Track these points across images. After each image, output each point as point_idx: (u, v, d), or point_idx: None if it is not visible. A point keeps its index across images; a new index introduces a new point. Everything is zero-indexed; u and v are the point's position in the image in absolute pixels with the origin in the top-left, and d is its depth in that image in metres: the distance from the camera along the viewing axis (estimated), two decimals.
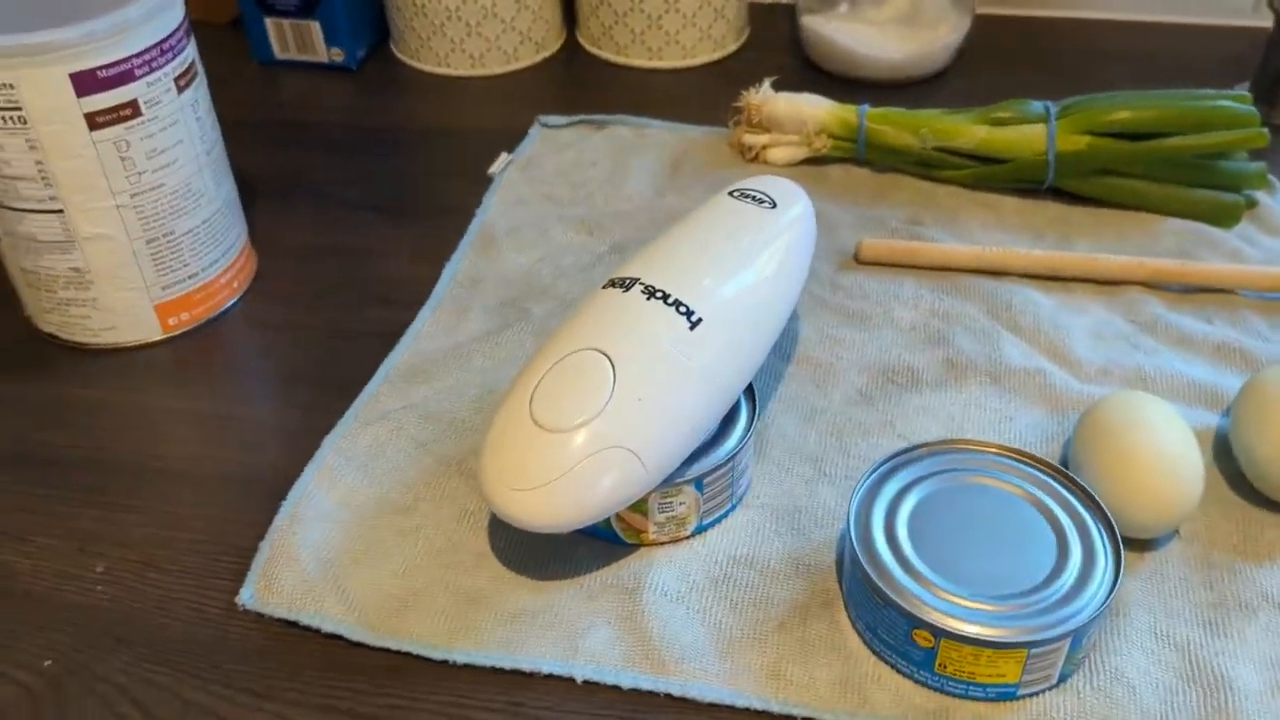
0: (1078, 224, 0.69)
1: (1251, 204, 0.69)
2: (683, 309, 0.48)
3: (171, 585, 0.50)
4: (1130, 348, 0.59)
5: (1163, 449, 0.47)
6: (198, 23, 0.96)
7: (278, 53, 0.89)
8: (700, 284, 0.49)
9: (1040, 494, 0.46)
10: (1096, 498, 0.46)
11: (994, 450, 0.48)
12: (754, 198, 0.55)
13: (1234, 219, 0.67)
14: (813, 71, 0.86)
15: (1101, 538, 0.45)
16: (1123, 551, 0.44)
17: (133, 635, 0.48)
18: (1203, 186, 0.68)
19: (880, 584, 0.43)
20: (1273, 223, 0.68)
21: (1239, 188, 0.68)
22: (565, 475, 0.45)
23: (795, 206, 0.55)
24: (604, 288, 0.50)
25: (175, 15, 0.56)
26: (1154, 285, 0.63)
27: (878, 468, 0.47)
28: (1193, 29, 0.90)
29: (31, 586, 0.50)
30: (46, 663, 0.46)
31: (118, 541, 0.52)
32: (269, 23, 0.87)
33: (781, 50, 0.90)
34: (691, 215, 0.54)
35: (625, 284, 0.49)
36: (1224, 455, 0.53)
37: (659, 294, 0.48)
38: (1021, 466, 0.47)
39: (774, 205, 0.54)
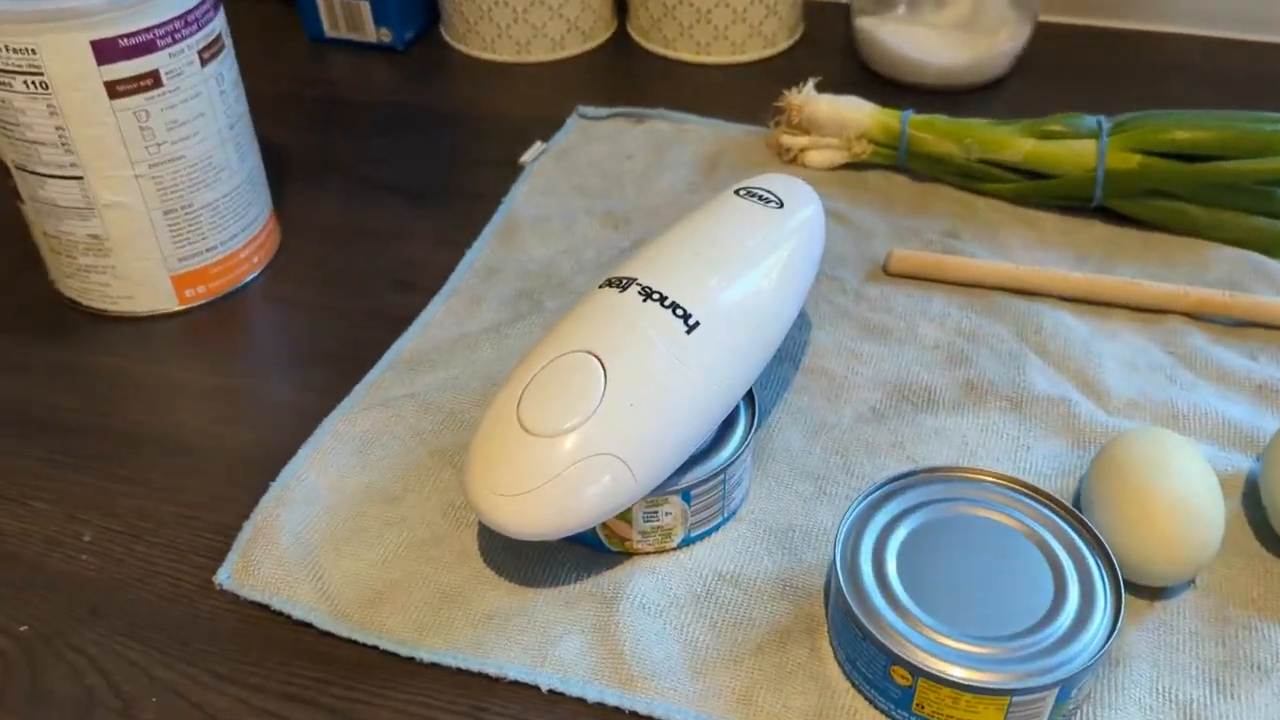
0: (1123, 246, 0.65)
1: None
2: (680, 311, 0.47)
3: (155, 559, 0.50)
4: (1165, 381, 0.56)
5: (1181, 493, 0.44)
6: None
7: (328, 30, 0.89)
8: (699, 286, 0.47)
9: (1041, 530, 0.44)
10: (1100, 538, 0.43)
11: (996, 480, 0.46)
12: (761, 197, 0.53)
13: None
14: (865, 74, 0.84)
15: (1103, 581, 0.42)
16: (1124, 597, 0.42)
17: (109, 607, 0.47)
18: (1260, 214, 0.64)
19: (860, 615, 0.41)
20: None
21: None
22: (551, 482, 0.43)
23: (805, 208, 0.53)
24: (600, 287, 0.48)
25: None
26: (1198, 316, 0.60)
27: (872, 492, 0.45)
28: (1276, 48, 0.86)
29: (19, 550, 0.50)
30: (23, 628, 0.47)
31: (108, 511, 0.52)
32: (321, 0, 0.87)
33: (835, 51, 0.87)
34: (695, 213, 0.53)
35: (621, 284, 0.47)
36: (1254, 503, 0.50)
37: (656, 295, 0.47)
38: (1024, 499, 0.45)
39: (781, 205, 0.52)
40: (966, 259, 0.63)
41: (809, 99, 0.72)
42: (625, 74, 0.85)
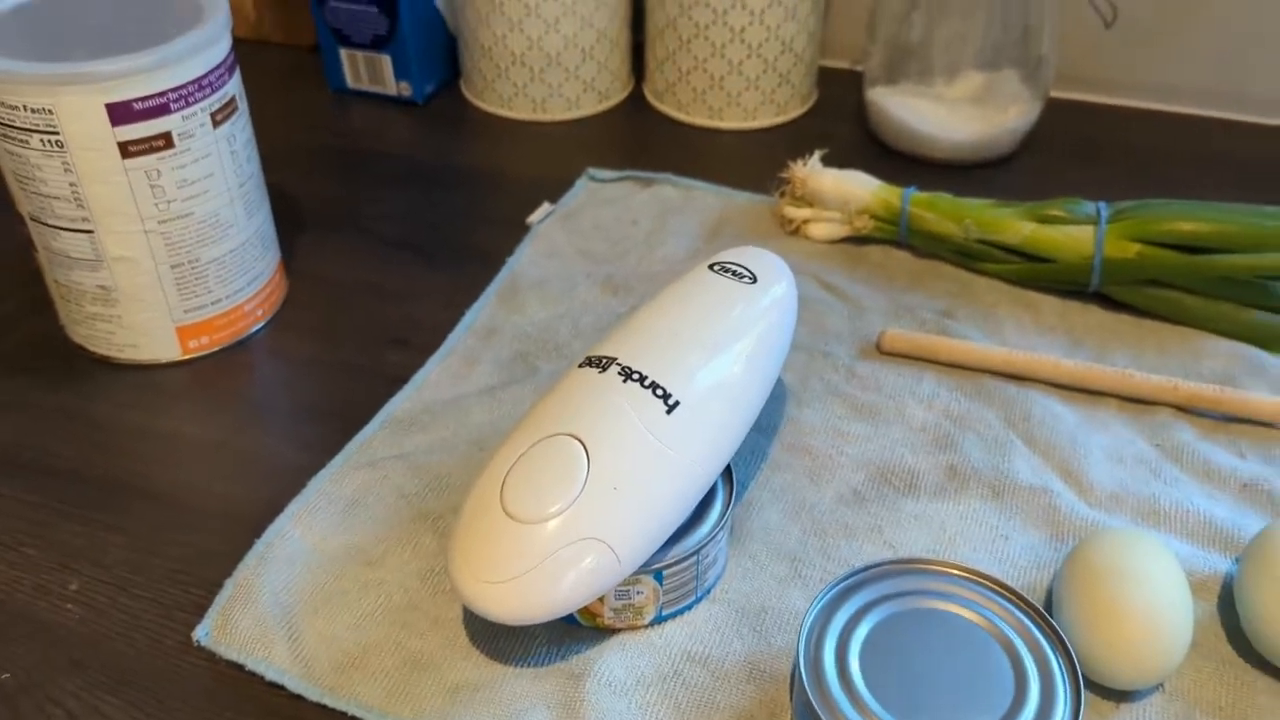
0: (1119, 334, 0.65)
1: None
2: (660, 392, 0.47)
3: (138, 612, 0.51)
4: (1149, 475, 0.56)
5: (1149, 601, 0.44)
6: (284, 45, 0.99)
7: (350, 82, 0.91)
8: (678, 366, 0.48)
9: (1006, 627, 0.44)
10: (1064, 638, 0.43)
11: (963, 574, 0.46)
12: (734, 272, 0.54)
13: None
14: (875, 145, 0.85)
15: (1064, 682, 0.42)
16: (1084, 699, 0.42)
17: (91, 659, 0.48)
18: (1258, 308, 0.64)
19: (820, 710, 0.41)
20: None
21: None
22: (537, 568, 0.44)
23: (778, 283, 0.54)
24: (580, 366, 0.49)
25: (218, 53, 0.58)
26: (1188, 409, 0.60)
27: (839, 582, 0.46)
28: None
29: (6, 596, 0.51)
30: (4, 675, 0.48)
31: (97, 561, 0.53)
32: (344, 53, 0.89)
33: (847, 119, 0.88)
34: (671, 288, 0.54)
35: (601, 364, 0.48)
36: (1229, 606, 0.50)
37: (636, 376, 0.48)
38: (990, 595, 0.45)
39: (755, 280, 0.53)
40: (959, 341, 0.63)
41: (813, 172, 0.73)
42: (638, 136, 0.86)
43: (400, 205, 0.78)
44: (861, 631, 0.44)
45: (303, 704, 0.47)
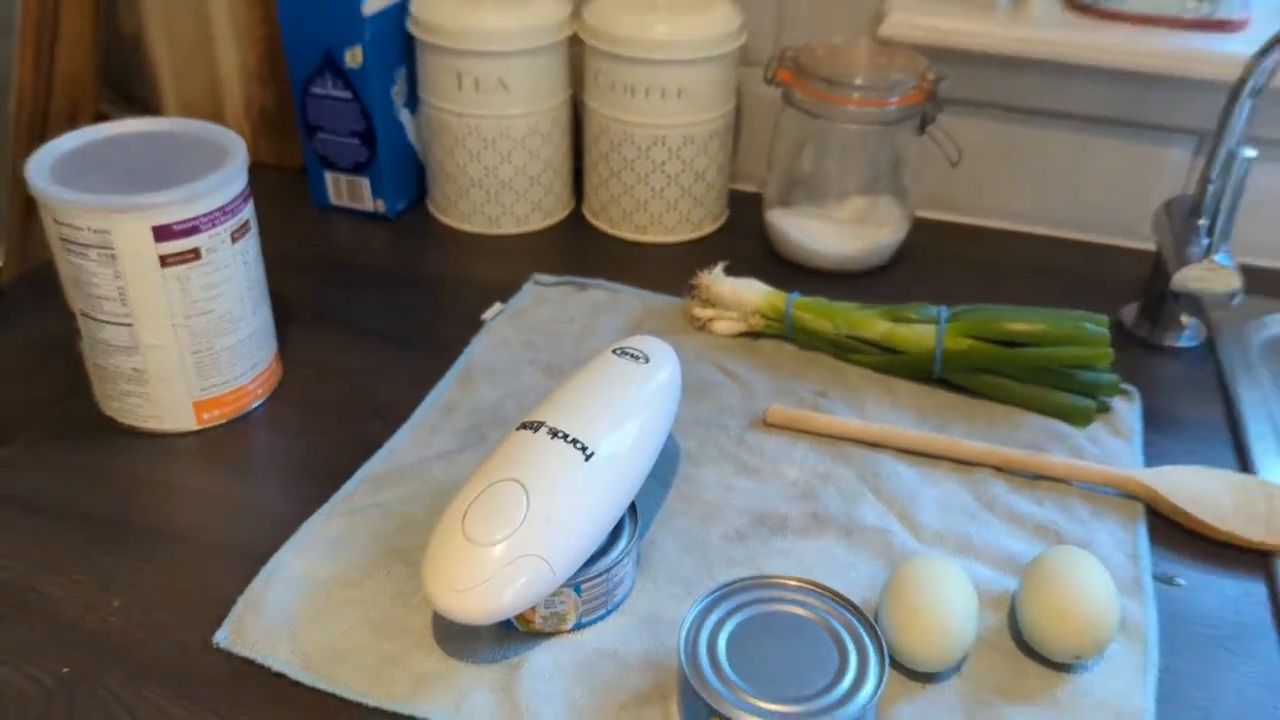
0: (957, 410, 0.82)
1: (1105, 409, 0.81)
2: (579, 445, 0.62)
3: (167, 622, 0.64)
4: (967, 518, 0.72)
5: (939, 606, 0.60)
6: (276, 167, 1.15)
7: (333, 199, 1.07)
8: (592, 425, 0.64)
9: (833, 621, 0.59)
10: (875, 626, 0.58)
11: (801, 584, 0.60)
12: (632, 355, 0.70)
13: (1086, 420, 0.80)
14: (773, 257, 1.02)
15: (875, 659, 0.57)
16: (887, 669, 0.56)
17: (132, 658, 0.62)
18: (1064, 390, 0.81)
19: (693, 682, 0.56)
20: (1120, 427, 0.80)
21: (1094, 394, 0.81)
22: (491, 579, 0.58)
23: (667, 364, 0.71)
24: (518, 429, 0.64)
25: (237, 187, 0.74)
26: (1003, 469, 0.76)
27: (713, 593, 0.60)
28: (1106, 249, 1.04)
29: (61, 611, 0.64)
30: (65, 670, 0.61)
31: (133, 584, 0.66)
32: (328, 175, 1.05)
33: (751, 235, 1.05)
34: (585, 368, 0.70)
35: (535, 426, 0.64)
36: (1013, 615, 0.65)
37: (561, 434, 0.63)
38: (823, 599, 0.60)
39: (647, 360, 0.70)
40: (829, 416, 0.79)
41: (715, 280, 0.89)
42: (577, 247, 1.03)
43: (375, 304, 0.94)
44: (728, 628, 0.59)
45: (300, 690, 0.60)
